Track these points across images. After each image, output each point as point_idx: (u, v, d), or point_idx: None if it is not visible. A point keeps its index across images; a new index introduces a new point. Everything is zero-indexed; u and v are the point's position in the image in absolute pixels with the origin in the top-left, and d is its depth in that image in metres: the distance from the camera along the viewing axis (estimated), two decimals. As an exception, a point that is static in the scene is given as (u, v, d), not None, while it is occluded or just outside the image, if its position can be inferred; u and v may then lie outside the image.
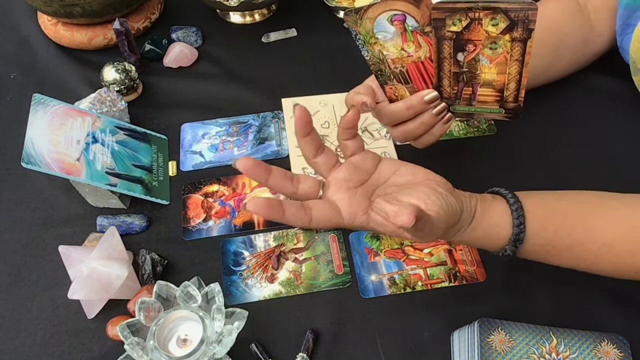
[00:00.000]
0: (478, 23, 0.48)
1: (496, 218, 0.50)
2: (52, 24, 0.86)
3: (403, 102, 0.56)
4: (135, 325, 0.53)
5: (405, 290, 0.61)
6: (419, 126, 0.57)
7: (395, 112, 0.57)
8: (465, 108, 0.57)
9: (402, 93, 0.57)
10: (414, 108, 0.56)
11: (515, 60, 0.49)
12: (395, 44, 0.53)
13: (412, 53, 0.54)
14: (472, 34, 0.49)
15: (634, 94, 0.70)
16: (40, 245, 0.65)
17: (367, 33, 0.53)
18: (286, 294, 0.61)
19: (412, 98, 0.56)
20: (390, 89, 0.57)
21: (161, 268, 0.62)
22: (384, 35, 0.53)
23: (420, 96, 0.55)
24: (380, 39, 0.53)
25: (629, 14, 0.67)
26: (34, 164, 0.59)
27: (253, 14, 0.92)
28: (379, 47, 0.54)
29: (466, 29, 0.49)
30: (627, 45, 0.67)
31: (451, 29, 0.49)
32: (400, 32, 0.53)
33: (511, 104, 0.53)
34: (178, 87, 0.82)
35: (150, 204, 0.68)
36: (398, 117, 0.57)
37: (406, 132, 0.58)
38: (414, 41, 0.53)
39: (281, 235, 0.66)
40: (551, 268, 0.62)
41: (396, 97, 0.57)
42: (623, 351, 0.49)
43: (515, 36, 0.48)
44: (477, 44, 0.49)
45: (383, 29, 0.53)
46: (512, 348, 0.50)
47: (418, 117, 0.57)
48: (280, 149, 0.74)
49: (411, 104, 0.56)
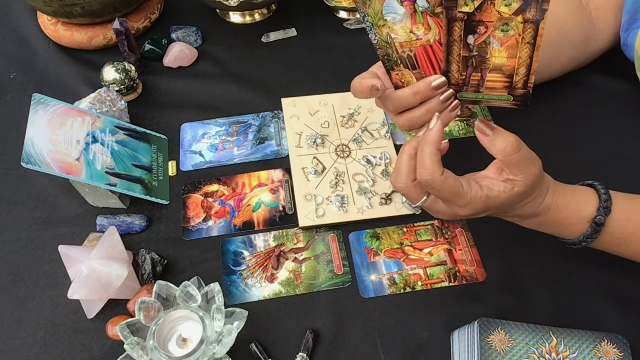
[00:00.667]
0: (491, 3, 0.47)
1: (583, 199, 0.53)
2: (52, 24, 0.86)
3: (410, 88, 0.55)
4: (135, 325, 0.53)
5: (405, 290, 0.61)
6: (426, 113, 0.55)
7: (402, 99, 0.55)
8: (473, 95, 0.56)
9: (409, 79, 0.56)
10: (422, 94, 0.55)
11: (527, 44, 0.49)
12: (404, 26, 0.53)
13: (421, 36, 0.53)
14: (484, 15, 0.48)
15: (636, 93, 0.70)
16: (40, 245, 0.65)
17: (376, 15, 0.52)
18: (286, 294, 0.61)
19: (420, 84, 0.55)
20: (397, 75, 0.56)
21: (161, 268, 0.62)
22: (394, 17, 0.52)
23: (428, 82, 0.54)
24: (390, 20, 0.53)
25: (636, 9, 0.67)
26: (34, 164, 0.59)
27: (253, 14, 0.92)
28: (387, 30, 0.53)
29: (478, 9, 0.48)
30: (633, 41, 0.67)
31: (463, 9, 0.49)
32: (410, 13, 0.52)
33: (520, 91, 0.53)
34: (178, 87, 0.82)
35: (150, 204, 0.68)
36: (404, 103, 0.56)
37: (412, 119, 0.56)
38: (423, 23, 0.52)
39: (281, 235, 0.66)
40: (551, 268, 0.63)
41: (402, 83, 0.56)
42: (623, 351, 0.49)
43: (529, 17, 0.47)
44: (489, 26, 0.49)
45: (393, 10, 0.52)
46: (512, 348, 0.50)
47: (425, 104, 0.55)
48: (280, 149, 0.74)
49: (419, 89, 0.54)
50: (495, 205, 0.49)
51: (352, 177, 0.70)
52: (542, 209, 0.52)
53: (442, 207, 0.50)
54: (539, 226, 0.55)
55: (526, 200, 0.51)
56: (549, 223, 0.54)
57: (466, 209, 0.49)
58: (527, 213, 0.52)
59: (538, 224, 0.54)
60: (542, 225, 0.55)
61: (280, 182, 0.71)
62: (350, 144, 0.74)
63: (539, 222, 0.54)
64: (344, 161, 0.72)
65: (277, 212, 0.68)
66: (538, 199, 0.51)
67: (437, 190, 0.48)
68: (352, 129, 0.75)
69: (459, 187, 0.47)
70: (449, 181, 0.47)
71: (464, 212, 0.49)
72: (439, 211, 0.51)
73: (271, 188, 0.70)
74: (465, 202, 0.48)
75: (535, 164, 0.48)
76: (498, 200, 0.48)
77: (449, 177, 0.47)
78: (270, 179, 0.71)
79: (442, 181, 0.47)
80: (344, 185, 0.69)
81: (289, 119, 0.76)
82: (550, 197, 0.52)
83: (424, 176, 0.47)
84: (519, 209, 0.51)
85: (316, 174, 0.70)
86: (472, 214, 0.49)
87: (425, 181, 0.47)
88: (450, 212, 0.50)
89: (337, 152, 0.73)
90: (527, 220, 0.54)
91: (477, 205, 0.48)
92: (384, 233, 0.66)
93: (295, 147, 0.73)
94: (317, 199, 0.68)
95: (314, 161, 0.72)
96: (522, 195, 0.49)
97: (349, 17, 0.91)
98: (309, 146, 0.73)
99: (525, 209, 0.51)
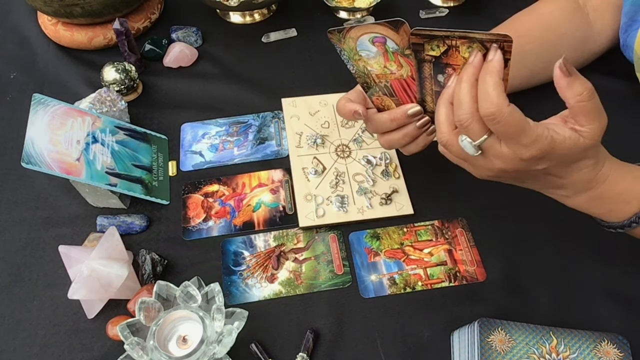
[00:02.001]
0: (455, 50, 0.48)
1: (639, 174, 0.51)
2: (52, 24, 0.86)
3: (387, 114, 0.58)
4: (135, 325, 0.53)
5: (405, 290, 0.61)
6: (403, 137, 0.58)
7: (381, 123, 0.59)
8: None
9: (389, 104, 0.58)
10: (398, 120, 0.58)
11: None
12: (378, 61, 0.54)
13: (394, 71, 0.54)
14: (451, 59, 0.49)
15: (635, 93, 0.70)
16: (40, 245, 0.65)
17: (351, 50, 0.54)
18: (286, 294, 0.61)
19: (397, 111, 0.57)
20: (377, 100, 0.59)
21: (161, 268, 0.62)
22: (367, 54, 0.54)
23: (404, 110, 0.57)
24: (364, 56, 0.54)
25: (635, 10, 0.67)
26: (34, 164, 0.59)
27: (253, 14, 0.92)
28: (363, 63, 0.55)
29: (444, 54, 0.49)
30: (632, 42, 0.67)
31: (430, 53, 0.50)
32: (382, 52, 0.53)
33: None
34: (178, 87, 0.82)
35: (150, 204, 0.68)
36: (383, 127, 0.59)
37: (391, 141, 0.60)
38: (395, 61, 0.53)
39: (281, 235, 0.66)
40: (551, 268, 0.63)
41: (383, 107, 0.59)
42: (623, 351, 0.49)
43: None
44: (456, 68, 0.50)
45: (365, 47, 0.54)
46: (512, 348, 0.50)
47: (402, 128, 0.58)
48: (280, 149, 0.74)
49: (395, 116, 0.58)
50: (558, 154, 0.46)
51: (352, 177, 0.70)
52: (599, 177, 0.49)
53: (504, 149, 0.46)
54: (590, 202, 0.52)
55: (586, 162, 0.48)
56: (602, 198, 0.51)
57: (530, 149, 0.45)
58: (584, 180, 0.49)
59: (589, 200, 0.51)
60: (593, 202, 0.51)
61: (280, 182, 0.71)
62: (350, 144, 0.74)
63: (592, 197, 0.51)
64: (344, 161, 0.72)
65: (277, 212, 0.68)
66: (597, 165, 0.49)
67: (502, 124, 0.44)
68: (352, 129, 0.75)
69: (525, 122, 0.44)
70: (516, 114, 0.43)
71: (527, 152, 0.45)
72: (498, 154, 0.47)
73: (271, 188, 0.70)
74: (530, 139, 0.44)
75: (603, 117, 0.45)
76: (562, 146, 0.45)
77: (515, 110, 0.43)
78: (270, 179, 0.71)
79: (509, 113, 0.43)
80: (344, 185, 0.69)
81: (289, 119, 0.76)
82: (608, 167, 0.49)
83: (489, 109, 0.43)
84: (577, 172, 0.48)
85: (316, 174, 0.70)
86: (535, 156, 0.45)
87: (491, 114, 0.43)
88: (511, 155, 0.46)
89: (337, 152, 0.73)
90: (579, 195, 0.51)
91: (542, 144, 0.44)
92: (384, 233, 0.66)
93: (295, 147, 0.73)
94: (317, 199, 0.68)
95: (314, 161, 0.72)
96: (585, 151, 0.46)
97: (349, 17, 0.91)
98: (309, 146, 0.73)
99: (582, 173, 0.49)
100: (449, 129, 0.49)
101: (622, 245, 0.64)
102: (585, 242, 0.64)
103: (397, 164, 0.71)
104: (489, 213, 0.67)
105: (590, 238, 0.64)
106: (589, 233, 0.64)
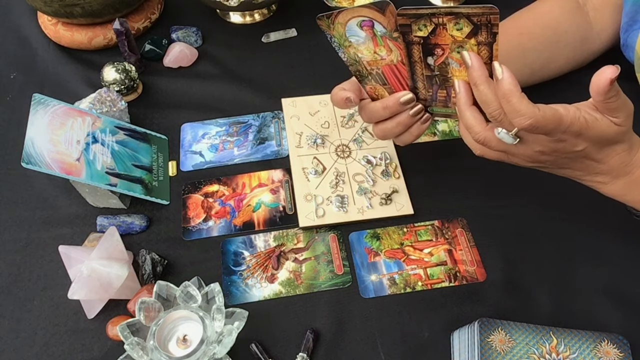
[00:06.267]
0: (443, 28, 0.48)
1: None
2: (52, 24, 0.86)
3: (380, 102, 0.58)
4: (135, 325, 0.53)
5: (405, 290, 0.61)
6: (397, 125, 0.58)
7: (374, 112, 0.58)
8: (443, 110, 0.57)
9: (382, 93, 0.58)
10: (391, 108, 0.58)
11: (484, 64, 0.49)
12: (367, 47, 0.54)
13: (384, 56, 0.54)
14: (439, 39, 0.49)
15: (635, 93, 0.70)
16: (40, 245, 0.65)
17: (341, 37, 0.54)
18: (286, 294, 0.61)
19: (389, 99, 0.57)
20: (370, 89, 0.58)
21: (161, 268, 0.62)
22: (357, 40, 0.54)
23: (396, 97, 0.57)
24: (354, 42, 0.54)
25: (636, 10, 0.67)
26: (34, 164, 0.59)
27: (253, 14, 0.92)
28: (353, 50, 0.55)
29: (432, 33, 0.49)
30: (633, 42, 0.67)
31: (418, 34, 0.50)
32: (371, 37, 0.53)
33: None
34: (178, 87, 0.82)
35: (150, 204, 0.68)
36: (376, 116, 0.59)
37: (385, 130, 0.60)
38: (384, 45, 0.53)
39: (281, 235, 0.66)
40: (551, 268, 0.63)
41: (376, 96, 0.58)
42: (623, 351, 0.49)
43: (481, 40, 0.48)
44: (445, 48, 0.49)
45: (354, 33, 0.53)
46: (512, 348, 0.50)
47: (396, 117, 0.58)
48: (280, 149, 0.74)
49: (387, 104, 0.57)
50: (593, 134, 0.47)
51: (352, 177, 0.70)
52: (635, 161, 0.50)
53: (542, 136, 0.48)
54: (626, 188, 0.52)
55: (622, 146, 0.49)
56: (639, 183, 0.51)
57: (567, 133, 0.46)
58: (621, 164, 0.50)
59: (626, 186, 0.52)
60: (629, 187, 0.52)
61: (280, 182, 0.71)
62: (350, 144, 0.74)
63: (628, 182, 0.52)
64: (344, 161, 0.72)
65: (277, 212, 0.68)
66: (632, 149, 0.50)
67: (541, 127, 0.45)
68: (352, 129, 0.75)
69: (558, 114, 0.45)
70: (548, 112, 0.45)
71: (564, 134, 0.47)
72: (535, 138, 0.48)
73: (271, 188, 0.70)
74: (566, 125, 0.46)
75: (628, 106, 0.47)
76: (596, 125, 0.46)
77: (545, 109, 0.45)
78: (270, 179, 0.71)
79: (543, 116, 0.45)
80: (344, 185, 0.69)
81: (289, 119, 0.76)
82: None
83: (525, 122, 0.45)
84: (614, 155, 0.49)
85: (316, 174, 0.70)
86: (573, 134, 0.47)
87: (529, 125, 0.45)
88: (549, 143, 0.48)
89: (337, 152, 0.73)
90: (616, 181, 0.52)
91: (579, 125, 0.46)
92: (384, 233, 0.66)
93: (295, 147, 0.73)
94: (317, 199, 0.68)
95: (314, 161, 0.72)
96: (618, 134, 0.48)
97: (349, 17, 0.91)
98: (309, 146, 0.73)
99: (620, 157, 0.50)
100: (482, 127, 0.49)
101: (622, 245, 0.64)
102: (585, 242, 0.64)
103: (397, 164, 0.71)
104: (489, 213, 0.67)
105: (590, 238, 0.64)
106: (589, 233, 0.65)
